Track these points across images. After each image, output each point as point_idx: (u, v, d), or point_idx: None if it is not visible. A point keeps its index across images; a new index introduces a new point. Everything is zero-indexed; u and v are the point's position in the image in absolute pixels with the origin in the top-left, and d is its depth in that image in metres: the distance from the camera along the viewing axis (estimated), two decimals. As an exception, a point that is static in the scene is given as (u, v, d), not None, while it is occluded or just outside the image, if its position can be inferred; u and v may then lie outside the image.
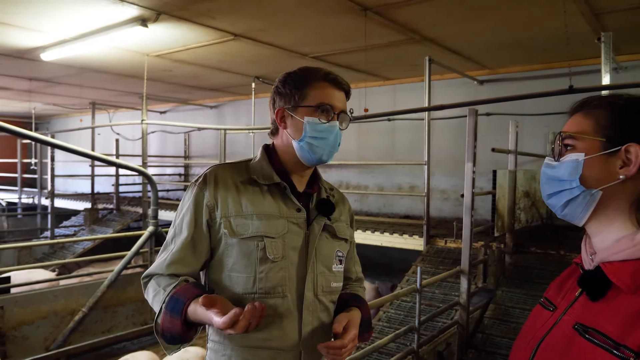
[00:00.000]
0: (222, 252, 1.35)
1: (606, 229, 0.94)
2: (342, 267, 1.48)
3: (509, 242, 4.84)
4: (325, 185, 1.54)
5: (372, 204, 8.10)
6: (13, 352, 4.92)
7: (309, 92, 1.38)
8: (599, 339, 0.83)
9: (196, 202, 1.36)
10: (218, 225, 1.34)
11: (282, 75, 1.45)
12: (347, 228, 1.52)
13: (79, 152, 4.07)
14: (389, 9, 4.36)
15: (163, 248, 1.40)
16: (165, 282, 1.32)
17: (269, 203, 1.37)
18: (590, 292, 0.90)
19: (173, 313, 1.25)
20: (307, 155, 1.39)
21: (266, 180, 1.39)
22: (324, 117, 1.38)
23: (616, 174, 0.90)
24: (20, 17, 4.77)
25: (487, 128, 6.71)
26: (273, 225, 1.34)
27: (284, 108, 1.41)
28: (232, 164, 1.45)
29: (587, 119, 0.95)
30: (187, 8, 4.38)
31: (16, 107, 11.74)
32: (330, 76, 1.41)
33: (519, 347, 1.04)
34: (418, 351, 3.46)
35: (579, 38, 4.97)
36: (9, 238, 10.16)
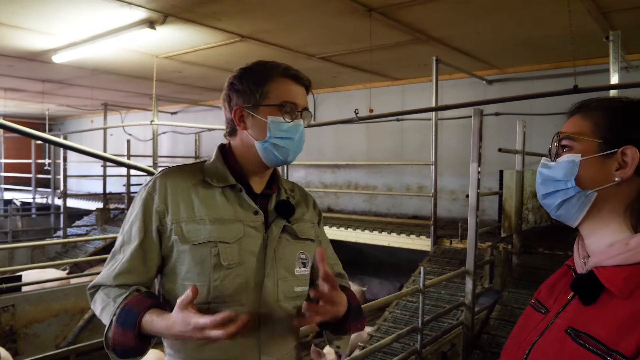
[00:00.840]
0: (175, 260, 1.26)
1: (600, 231, 0.93)
2: (306, 270, 1.38)
3: (516, 242, 4.81)
4: (285, 185, 1.46)
5: (380, 204, 8.09)
6: (24, 349, 5.01)
7: (270, 90, 1.29)
8: (590, 344, 0.82)
9: (145, 208, 1.27)
10: (169, 231, 1.25)
11: (237, 70, 1.35)
12: (311, 228, 1.43)
13: (88, 152, 4.12)
14: (394, 9, 4.36)
15: (111, 257, 1.30)
16: (115, 293, 1.23)
17: (223, 206, 1.28)
18: (582, 296, 0.90)
19: (125, 326, 1.16)
20: (271, 157, 1.31)
21: (220, 182, 1.31)
22: (288, 115, 1.29)
23: (612, 176, 0.90)
24: (31, 20, 4.85)
25: (496, 128, 6.68)
26: (228, 229, 1.26)
27: (242, 107, 1.31)
28: (185, 166, 1.36)
29: (585, 121, 0.95)
30: (193, 10, 4.42)
31: (30, 108, 11.91)
32: (290, 71, 1.32)
33: (510, 350, 1.04)
34: (421, 351, 3.46)
35: (587, 37, 4.93)
36: (23, 237, 10.32)
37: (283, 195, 1.41)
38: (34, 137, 3.88)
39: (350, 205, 8.42)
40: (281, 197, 1.41)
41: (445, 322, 4.28)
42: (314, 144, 8.85)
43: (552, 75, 6.35)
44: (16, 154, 13.74)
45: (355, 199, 8.39)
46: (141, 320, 1.16)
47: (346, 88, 8.40)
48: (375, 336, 4.31)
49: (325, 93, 8.72)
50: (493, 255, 4.64)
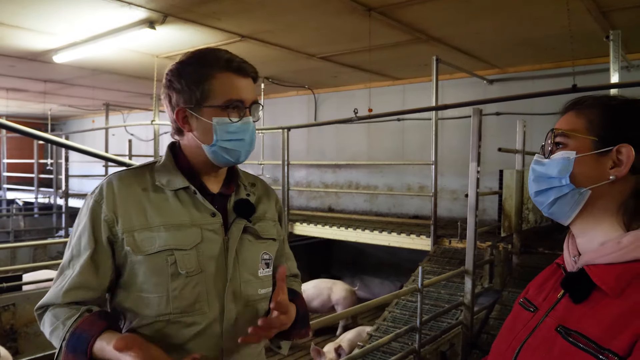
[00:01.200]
0: (129, 271, 1.17)
1: (592, 229, 0.93)
2: (270, 271, 1.31)
3: (516, 242, 4.80)
4: (245, 181, 1.36)
5: (381, 204, 8.09)
6: (25, 348, 5.02)
7: (212, 88, 1.18)
8: (582, 342, 0.82)
9: (93, 218, 1.17)
10: (121, 241, 1.16)
11: (174, 64, 1.23)
12: (273, 226, 1.36)
13: (89, 152, 4.12)
14: (393, 9, 4.36)
15: (59, 273, 1.18)
16: (65, 314, 1.13)
17: (177, 211, 1.19)
18: (573, 294, 0.89)
19: (76, 352, 1.07)
20: (222, 160, 1.22)
21: (173, 185, 1.21)
22: (235, 114, 1.19)
23: (607, 174, 0.89)
24: (32, 20, 4.87)
25: (496, 128, 6.67)
26: (184, 235, 1.17)
27: (184, 108, 1.20)
28: (133, 170, 1.26)
29: (579, 118, 0.95)
30: (193, 10, 4.43)
31: (32, 108, 11.95)
32: (233, 63, 1.20)
33: (499, 349, 1.03)
34: (420, 351, 3.46)
35: (587, 36, 4.92)
36: (25, 237, 10.35)
37: (242, 192, 1.32)
38: (35, 137, 3.89)
39: (351, 205, 8.42)
40: (240, 195, 1.31)
41: (444, 321, 4.27)
42: (315, 144, 8.86)
43: (553, 75, 6.33)
44: (19, 154, 13.78)
45: (356, 198, 8.39)
46: (92, 346, 1.07)
47: (347, 88, 8.40)
48: (375, 335, 4.31)
49: (326, 93, 8.72)
50: (493, 255, 4.64)
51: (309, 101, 8.87)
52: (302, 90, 8.77)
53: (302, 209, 8.69)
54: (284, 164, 6.23)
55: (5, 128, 3.29)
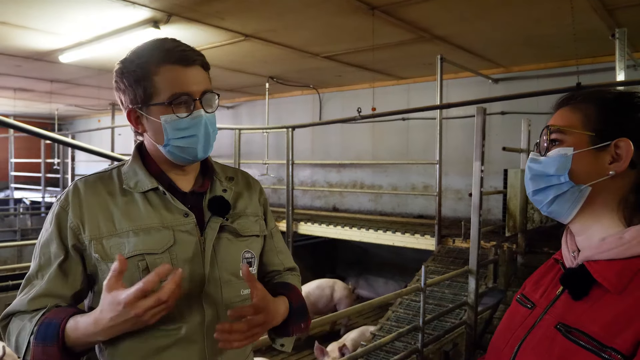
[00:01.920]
0: (101, 279, 1.10)
1: (593, 226, 0.91)
2: (253, 270, 1.25)
3: (521, 242, 4.77)
4: (221, 176, 1.28)
5: (386, 203, 8.08)
6: (30, 346, 5.06)
7: (153, 84, 1.10)
8: (583, 340, 0.81)
9: (59, 225, 1.11)
10: (88, 249, 1.10)
11: (118, 63, 1.16)
12: (255, 222, 1.28)
13: (95, 151, 4.14)
14: (397, 7, 4.35)
15: (25, 282, 1.12)
16: (31, 315, 1.07)
17: (147, 214, 1.13)
18: (573, 290, 0.88)
19: (46, 340, 1.00)
20: (179, 159, 1.16)
21: (141, 187, 1.15)
22: (182, 110, 1.11)
23: (606, 169, 0.88)
24: (38, 21, 4.89)
25: (501, 127, 6.64)
26: (154, 239, 1.11)
27: (134, 109, 1.14)
28: (99, 174, 1.19)
29: (574, 113, 0.93)
30: (197, 9, 4.44)
31: (39, 108, 12.02)
32: (174, 53, 1.11)
33: (497, 347, 1.02)
34: (422, 350, 3.45)
35: (592, 35, 4.89)
36: (32, 235, 10.41)
37: (218, 189, 1.24)
38: (42, 136, 3.91)
39: (356, 205, 8.41)
40: (216, 191, 1.23)
41: (448, 321, 4.26)
42: (319, 144, 8.86)
43: (557, 74, 6.30)
44: (26, 154, 13.88)
45: (360, 198, 8.38)
46: (64, 330, 1.01)
47: (351, 87, 8.40)
48: (378, 335, 4.30)
49: (330, 92, 8.71)
50: (497, 254, 4.62)
51: (314, 101, 8.87)
52: (306, 90, 8.77)
53: (307, 208, 8.70)
54: (289, 164, 6.23)
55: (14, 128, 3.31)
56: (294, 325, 1.24)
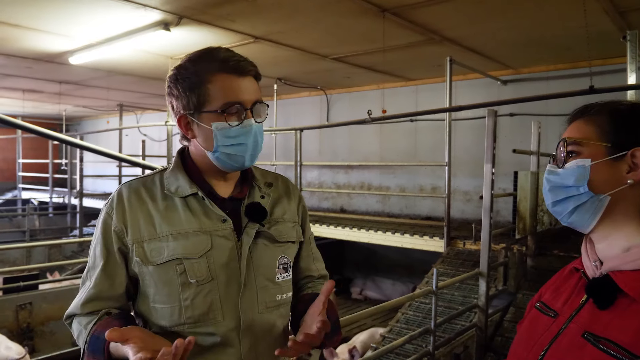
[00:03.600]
0: (142, 282, 1.17)
1: (612, 235, 0.93)
2: (288, 276, 1.27)
3: (531, 244, 4.76)
4: (261, 182, 1.31)
5: (394, 205, 8.08)
6: (41, 346, 5.09)
7: (208, 92, 1.13)
8: (613, 350, 0.81)
9: (105, 229, 1.18)
10: (131, 252, 1.16)
11: (172, 70, 1.19)
12: (292, 228, 1.31)
13: (103, 153, 4.17)
14: (407, 10, 4.35)
15: (82, 283, 1.22)
16: (86, 320, 1.16)
17: (187, 218, 1.17)
18: (598, 300, 0.89)
19: (96, 354, 1.10)
20: (226, 165, 1.19)
21: (181, 192, 1.19)
22: (234, 118, 1.15)
23: (624, 178, 0.90)
24: (49, 23, 4.93)
25: (510, 129, 6.63)
26: (192, 243, 1.14)
27: (185, 114, 1.17)
28: (143, 179, 1.24)
29: (589, 125, 0.95)
30: (207, 12, 4.46)
31: (48, 109, 12.09)
32: (230, 63, 1.14)
33: (518, 354, 1.02)
34: (434, 353, 3.45)
35: (603, 36, 4.87)
36: (40, 236, 10.48)
37: (257, 195, 1.27)
38: (51, 137, 3.94)
39: (364, 206, 8.41)
40: (254, 197, 1.26)
41: (458, 324, 4.25)
42: (327, 145, 8.87)
43: (567, 76, 6.28)
44: (34, 154, 13.97)
45: (368, 199, 8.38)
46: (109, 346, 1.09)
47: (359, 88, 8.40)
48: (388, 337, 4.30)
49: (339, 93, 8.72)
50: (507, 257, 4.60)
51: (321, 102, 8.88)
52: (314, 91, 8.78)
53: (314, 209, 8.70)
54: (297, 165, 6.24)
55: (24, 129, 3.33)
56: (328, 340, 1.23)
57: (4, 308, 4.92)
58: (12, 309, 4.96)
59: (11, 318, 4.94)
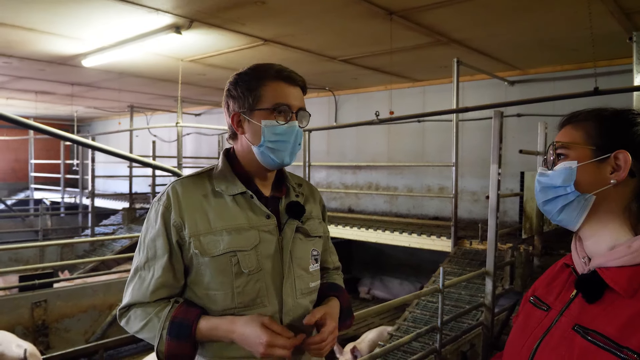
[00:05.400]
0: (196, 270, 1.30)
1: (599, 232, 1.00)
2: (318, 266, 1.44)
3: (537, 244, 4.80)
4: (293, 183, 1.47)
5: (401, 205, 8.13)
6: (55, 343, 5.20)
7: (262, 94, 1.31)
8: (601, 341, 0.88)
9: (165, 222, 1.29)
10: (188, 244, 1.28)
11: (233, 76, 1.37)
12: (319, 224, 1.48)
13: (117, 154, 4.28)
14: (414, 12, 4.41)
15: (133, 274, 1.33)
16: (155, 308, 1.28)
17: (236, 214, 1.31)
18: (587, 294, 0.95)
19: (180, 337, 1.23)
20: (268, 160, 1.33)
21: (231, 190, 1.33)
22: (281, 118, 1.31)
23: (608, 178, 0.97)
24: (63, 27, 5.04)
25: (517, 129, 6.66)
26: (244, 237, 1.29)
27: (239, 112, 1.34)
28: (193, 177, 1.38)
29: (577, 130, 1.03)
30: (218, 15, 4.54)
31: (59, 110, 12.25)
32: (283, 73, 1.33)
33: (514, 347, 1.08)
34: (440, 351, 3.51)
35: (610, 38, 4.90)
36: (52, 236, 10.62)
37: (292, 194, 1.43)
38: (66, 139, 4.04)
39: (371, 206, 8.47)
40: (291, 197, 1.42)
41: (465, 322, 4.30)
42: (335, 146, 8.93)
43: (574, 76, 6.31)
44: (45, 155, 14.15)
45: (376, 199, 8.44)
46: (195, 330, 1.23)
47: (367, 89, 8.46)
48: (396, 335, 4.36)
49: (346, 95, 8.78)
50: (514, 256, 4.65)
51: (329, 102, 8.95)
52: (322, 92, 8.85)
53: (323, 209, 8.75)
54: (305, 165, 6.31)
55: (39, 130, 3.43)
56: (342, 323, 1.44)
57: (20, 305, 5.03)
58: (28, 307, 5.07)
59: (26, 315, 5.05)
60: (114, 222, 10.01)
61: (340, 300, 1.45)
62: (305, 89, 1.40)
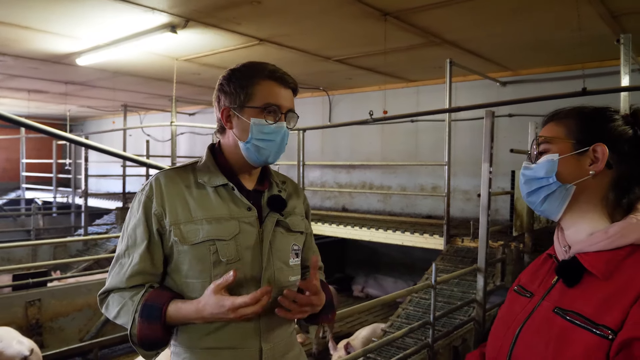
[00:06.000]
0: (176, 259, 1.33)
1: (579, 221, 1.06)
2: (298, 261, 1.46)
3: (528, 241, 4.88)
4: (276, 179, 1.51)
5: (395, 204, 8.20)
6: (49, 342, 5.20)
7: (254, 92, 1.34)
8: (578, 320, 0.94)
9: (145, 212, 1.33)
10: (168, 233, 1.31)
11: (227, 71, 1.40)
12: (302, 220, 1.51)
13: (112, 152, 4.29)
14: (409, 13, 4.48)
15: (115, 261, 1.36)
16: (130, 293, 1.31)
17: (218, 205, 1.34)
18: (567, 279, 1.02)
19: (151, 319, 1.25)
20: (253, 157, 1.36)
21: (213, 182, 1.36)
22: (270, 117, 1.34)
23: (587, 170, 1.04)
24: (58, 25, 5.05)
25: (509, 129, 6.75)
26: (224, 227, 1.32)
27: (229, 107, 1.36)
28: (177, 169, 1.41)
29: (559, 126, 1.10)
30: (214, 15, 4.58)
31: (52, 109, 12.21)
32: (276, 74, 1.36)
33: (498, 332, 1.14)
34: (433, 345, 3.57)
35: (598, 40, 5.00)
36: (44, 235, 10.58)
37: (275, 189, 1.47)
38: (61, 137, 4.06)
39: (365, 205, 8.53)
40: (273, 191, 1.46)
41: (457, 318, 4.37)
42: (329, 145, 8.99)
43: (564, 77, 6.41)
44: (36, 154, 14.06)
45: (369, 198, 8.51)
46: (165, 312, 1.25)
47: (361, 89, 8.53)
48: (389, 332, 4.42)
49: (341, 94, 8.85)
50: (505, 253, 4.72)
51: (324, 102, 9.00)
52: (316, 92, 8.91)
53: (317, 208, 8.82)
54: (299, 164, 6.36)
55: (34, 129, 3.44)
56: (324, 316, 1.45)
57: (14, 304, 5.03)
58: (22, 305, 5.08)
59: (20, 314, 5.06)
60: (107, 221, 10.00)
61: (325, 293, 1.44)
62: (297, 91, 1.43)
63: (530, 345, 1.02)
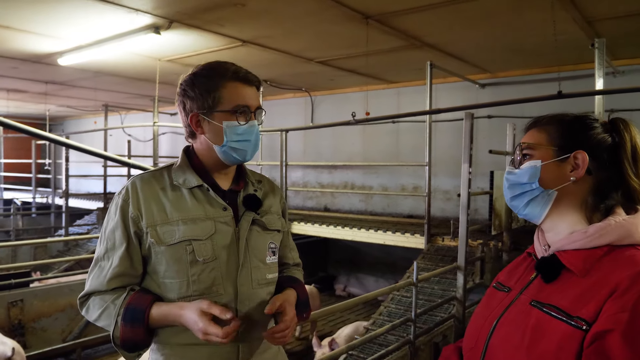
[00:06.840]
0: (154, 260, 1.35)
1: (559, 224, 1.12)
2: (275, 259, 1.49)
3: (506, 240, 5.00)
4: (252, 179, 1.52)
5: (376, 204, 8.29)
6: (32, 342, 5.16)
7: (221, 95, 1.35)
8: (554, 312, 1.00)
9: (123, 215, 1.35)
10: (145, 235, 1.33)
11: (187, 75, 1.40)
12: (278, 219, 1.53)
13: (94, 152, 4.27)
14: (390, 17, 4.57)
15: (94, 264, 1.37)
16: (112, 296, 1.32)
17: (193, 206, 1.36)
18: (545, 275, 1.08)
19: (134, 322, 1.28)
20: (230, 158, 1.39)
21: (188, 184, 1.38)
22: (242, 118, 1.36)
23: (568, 176, 1.09)
24: (42, 25, 5.03)
25: (488, 130, 6.89)
26: (199, 227, 1.34)
27: (197, 113, 1.37)
28: (153, 172, 1.44)
29: (541, 133, 1.15)
30: (198, 17, 4.61)
31: (31, 109, 12.03)
32: (239, 74, 1.37)
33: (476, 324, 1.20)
34: (414, 342, 3.66)
35: (574, 44, 5.14)
36: (24, 236, 10.43)
37: (250, 189, 1.49)
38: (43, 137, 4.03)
39: (347, 205, 8.61)
40: (248, 191, 1.48)
41: (438, 315, 4.47)
42: (311, 146, 9.04)
43: (541, 80, 6.57)
44: (15, 154, 13.83)
45: (351, 198, 8.58)
46: (149, 315, 1.28)
47: (343, 90, 8.60)
48: (372, 329, 4.50)
49: (323, 95, 8.91)
50: (484, 252, 4.83)
51: (306, 103, 9.06)
52: (299, 93, 8.96)
53: (299, 208, 8.87)
54: (282, 165, 6.40)
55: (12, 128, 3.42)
56: (299, 315, 1.47)
57: (-4, 305, 4.99)
58: (4, 306, 5.02)
59: (3, 315, 5.00)
60: (88, 222, 9.91)
61: (298, 292, 1.50)
62: (260, 87, 1.45)
63: (506, 335, 1.07)
